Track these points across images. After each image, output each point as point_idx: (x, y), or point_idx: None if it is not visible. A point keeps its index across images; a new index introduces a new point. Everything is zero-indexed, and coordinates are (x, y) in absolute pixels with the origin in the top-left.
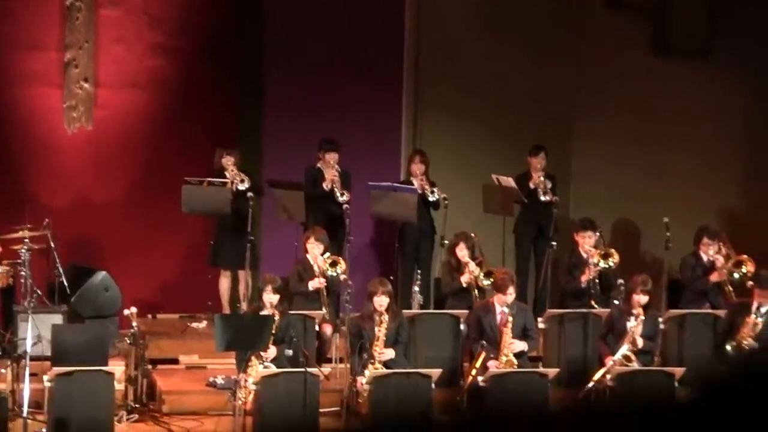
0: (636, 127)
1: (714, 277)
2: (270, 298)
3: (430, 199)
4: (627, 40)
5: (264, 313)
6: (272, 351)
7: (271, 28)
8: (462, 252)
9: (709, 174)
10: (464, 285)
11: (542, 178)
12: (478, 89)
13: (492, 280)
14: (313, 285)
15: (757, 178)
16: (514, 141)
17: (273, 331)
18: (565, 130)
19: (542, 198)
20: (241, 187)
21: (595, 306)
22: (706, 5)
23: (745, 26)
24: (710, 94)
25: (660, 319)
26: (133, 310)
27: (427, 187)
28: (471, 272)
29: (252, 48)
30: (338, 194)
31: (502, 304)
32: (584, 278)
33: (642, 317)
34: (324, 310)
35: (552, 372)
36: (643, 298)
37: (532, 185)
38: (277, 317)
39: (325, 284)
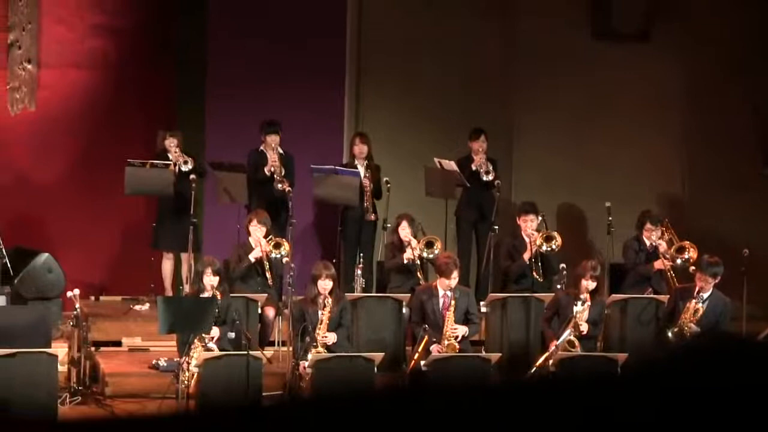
0: (577, 110)
1: (658, 265)
2: (210, 280)
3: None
4: (567, 22)
5: (204, 295)
6: (215, 331)
7: (214, 8)
8: (404, 231)
9: (650, 158)
10: (405, 261)
11: (484, 160)
12: (420, 72)
13: (435, 251)
14: (254, 254)
15: (697, 160)
16: (457, 125)
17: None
18: (507, 114)
19: (485, 178)
20: (184, 168)
21: (539, 279)
22: None
23: (683, 8)
24: (650, 78)
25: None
26: (76, 292)
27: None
28: (413, 249)
29: (194, 28)
30: (277, 182)
31: (446, 288)
32: (527, 255)
33: (588, 303)
34: (268, 277)
35: (494, 356)
36: (591, 284)
37: (474, 167)
38: (219, 298)
39: (266, 256)
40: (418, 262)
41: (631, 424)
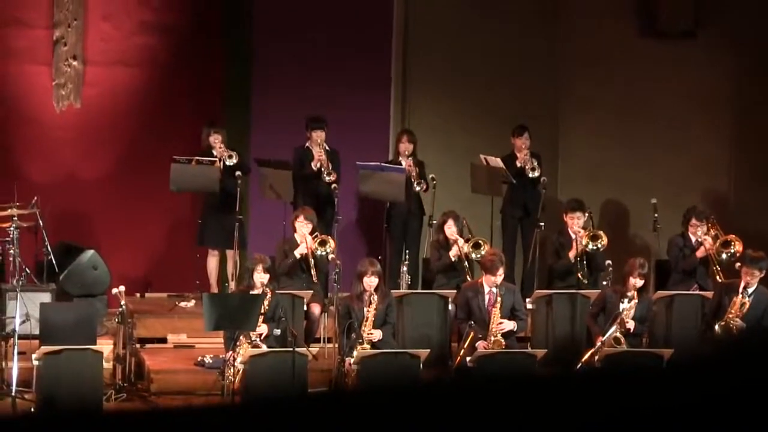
0: (623, 107)
1: (700, 253)
2: (261, 277)
3: (416, 188)
4: (613, 20)
5: (254, 292)
6: (263, 328)
7: (260, 5)
8: (451, 229)
9: (696, 154)
10: (453, 259)
11: (528, 156)
12: (466, 69)
13: (482, 252)
14: (299, 250)
15: (744, 158)
16: (503, 121)
17: (263, 310)
18: (552, 110)
19: (531, 174)
20: (230, 162)
21: (584, 280)
22: None
23: (730, 7)
24: (697, 75)
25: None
26: (122, 288)
27: (413, 175)
28: (460, 248)
29: (240, 25)
30: (325, 174)
31: (491, 284)
32: (572, 254)
33: (635, 300)
34: (313, 274)
35: (540, 353)
36: (639, 282)
37: (518, 164)
38: (269, 295)
39: (311, 253)
40: (465, 260)
41: (676, 418)
